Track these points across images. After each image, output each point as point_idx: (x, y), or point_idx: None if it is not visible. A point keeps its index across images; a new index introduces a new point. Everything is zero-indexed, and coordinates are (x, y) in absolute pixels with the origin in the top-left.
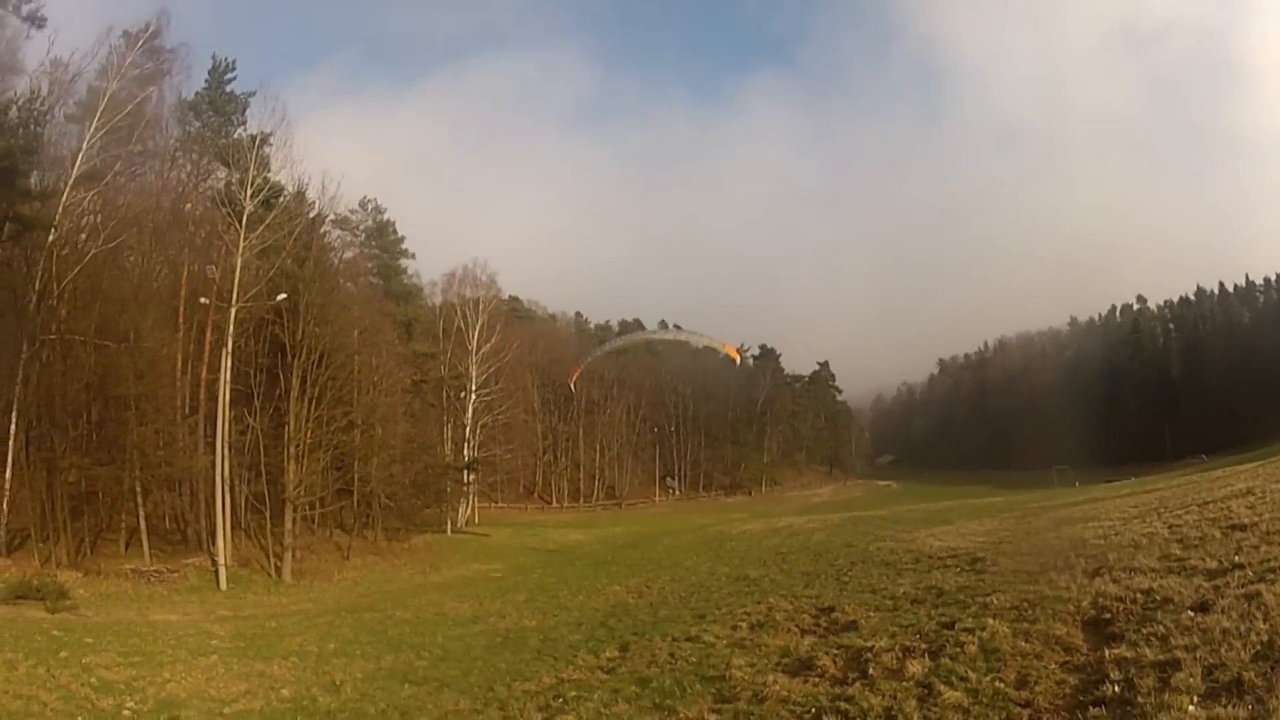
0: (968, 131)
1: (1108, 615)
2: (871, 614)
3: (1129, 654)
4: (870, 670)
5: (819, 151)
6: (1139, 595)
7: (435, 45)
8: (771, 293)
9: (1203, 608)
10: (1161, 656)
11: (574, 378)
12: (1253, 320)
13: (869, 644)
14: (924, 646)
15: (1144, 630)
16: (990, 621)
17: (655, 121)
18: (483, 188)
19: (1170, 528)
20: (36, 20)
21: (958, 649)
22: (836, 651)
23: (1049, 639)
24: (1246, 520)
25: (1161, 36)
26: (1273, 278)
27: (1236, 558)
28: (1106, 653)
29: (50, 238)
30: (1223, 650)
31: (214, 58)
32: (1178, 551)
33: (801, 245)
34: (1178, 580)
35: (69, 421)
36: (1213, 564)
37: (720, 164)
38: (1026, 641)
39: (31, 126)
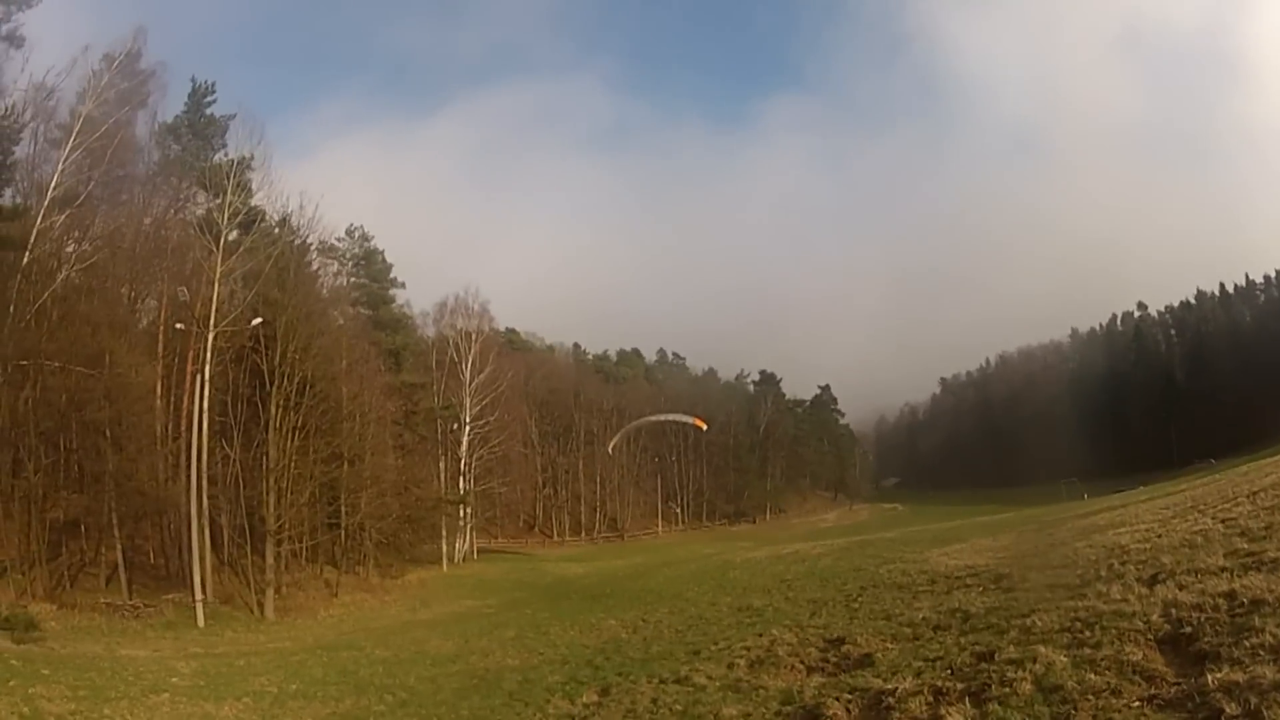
0: (969, 145)
1: (1188, 629)
2: (889, 645)
3: (1238, 676)
4: None
5: (819, 175)
6: (1220, 600)
7: (451, 71)
8: (773, 317)
9: None
10: None
11: (611, 446)
12: (1255, 319)
13: (890, 685)
14: (960, 687)
15: (1245, 642)
16: (1040, 649)
17: (661, 147)
18: (487, 218)
19: (1224, 522)
20: (14, 40)
21: (1006, 689)
22: (850, 696)
23: (1122, 666)
24: None
25: (1160, 41)
26: (1273, 275)
27: None
28: (1209, 678)
29: (25, 259)
30: None
31: (193, 80)
32: (1245, 546)
33: (803, 268)
34: (1262, 578)
35: (42, 449)
36: None
37: (723, 189)
38: (1094, 673)
39: (3, 143)
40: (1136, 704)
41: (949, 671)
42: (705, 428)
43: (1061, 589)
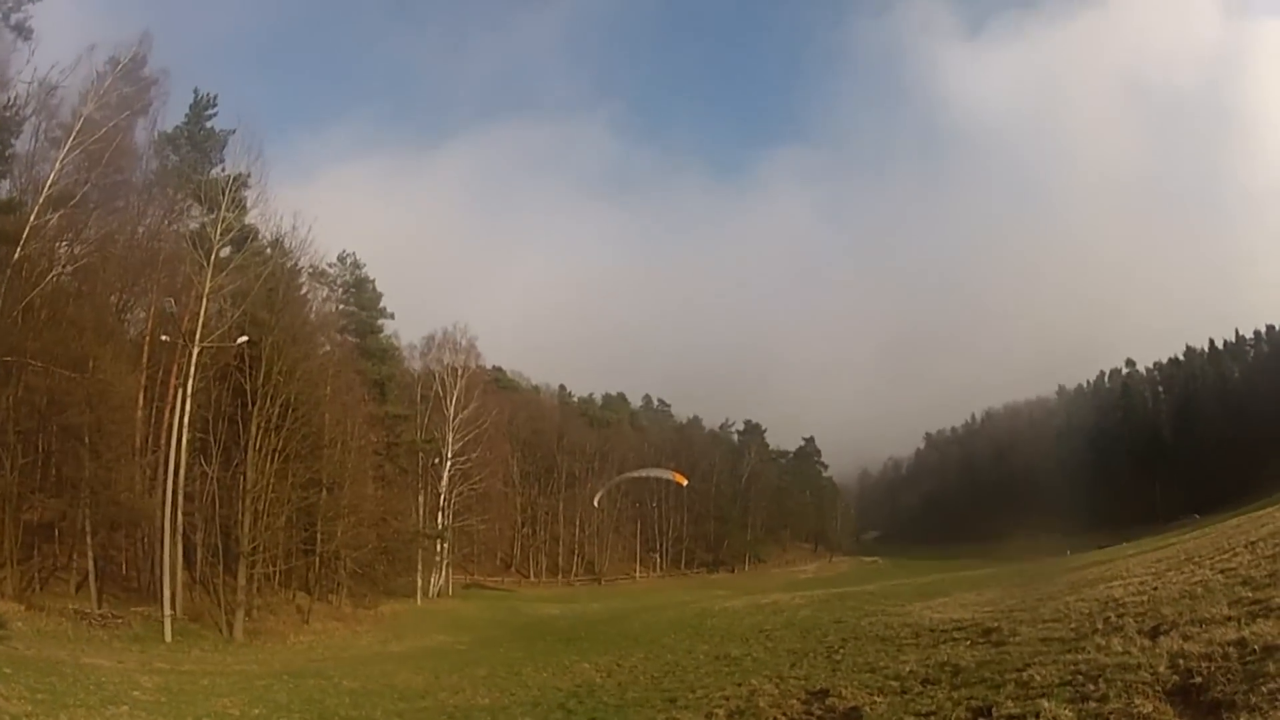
0: (963, 200)
1: (1198, 679)
2: (876, 698)
3: None
4: None
5: (814, 229)
6: (1230, 649)
7: (460, 104)
8: (760, 367)
9: None
10: None
11: (597, 499)
12: (1244, 375)
13: None
14: None
15: (1261, 689)
16: (1043, 704)
17: (660, 194)
18: (483, 254)
19: (1224, 573)
20: (23, 31)
21: None
22: None
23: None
24: None
25: (1159, 101)
26: (1263, 330)
27: None
28: None
29: (16, 254)
30: None
31: (196, 92)
32: (1250, 594)
33: (793, 320)
34: (1271, 624)
35: (19, 448)
36: None
37: (719, 239)
38: None
39: (3, 134)
40: None
41: None
42: (685, 484)
43: (1056, 642)
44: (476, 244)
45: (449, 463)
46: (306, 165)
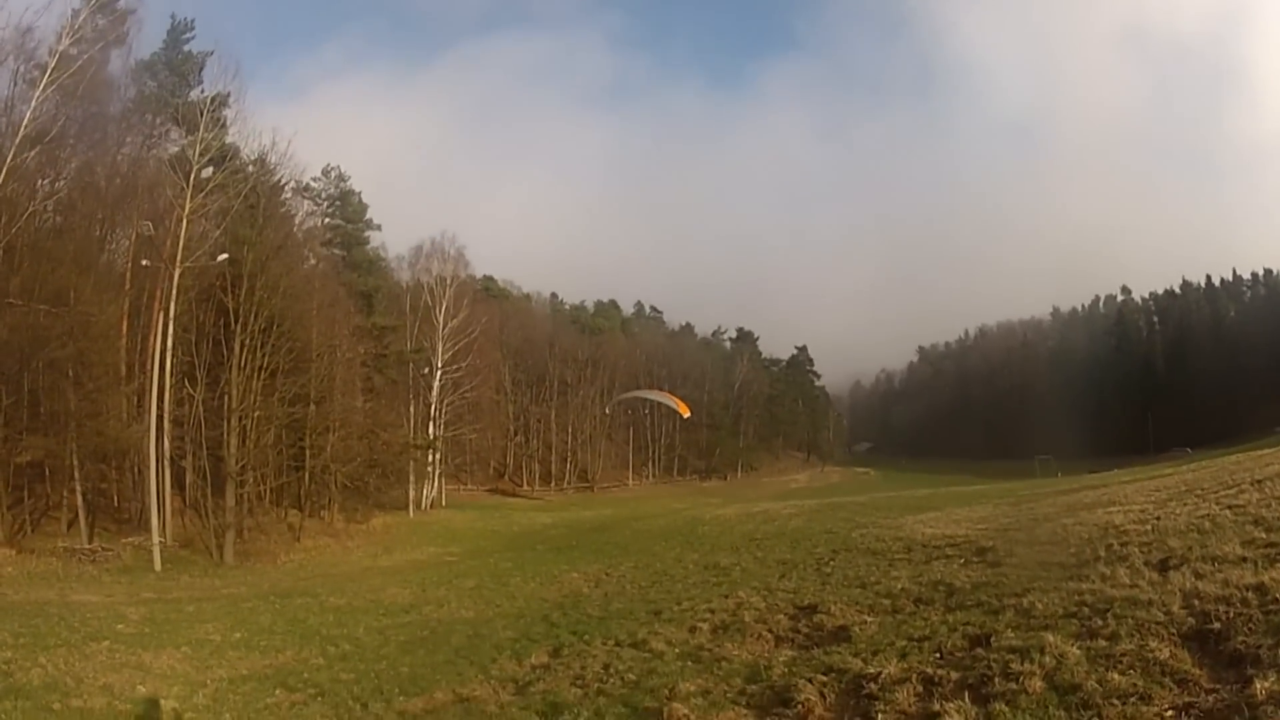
0: (968, 125)
1: (1216, 625)
2: (867, 618)
3: None
4: (880, 718)
5: (815, 143)
6: (1249, 594)
7: (455, 18)
8: (756, 278)
9: None
10: None
11: (609, 408)
12: (1239, 315)
13: (871, 668)
14: (956, 677)
15: None
16: (1047, 637)
17: (658, 105)
18: (478, 167)
19: (1231, 508)
20: None
21: (1012, 684)
22: (825, 677)
23: (1148, 665)
24: None
25: (1165, 39)
26: (1261, 273)
27: None
28: (1257, 687)
29: None
30: None
31: (173, 17)
32: (1263, 535)
33: (791, 232)
34: None
35: (3, 389)
36: None
37: (718, 150)
38: (1116, 671)
39: None
40: (1170, 712)
41: (938, 655)
42: (688, 415)
43: (1056, 567)
44: (471, 156)
45: (439, 372)
46: (301, 82)
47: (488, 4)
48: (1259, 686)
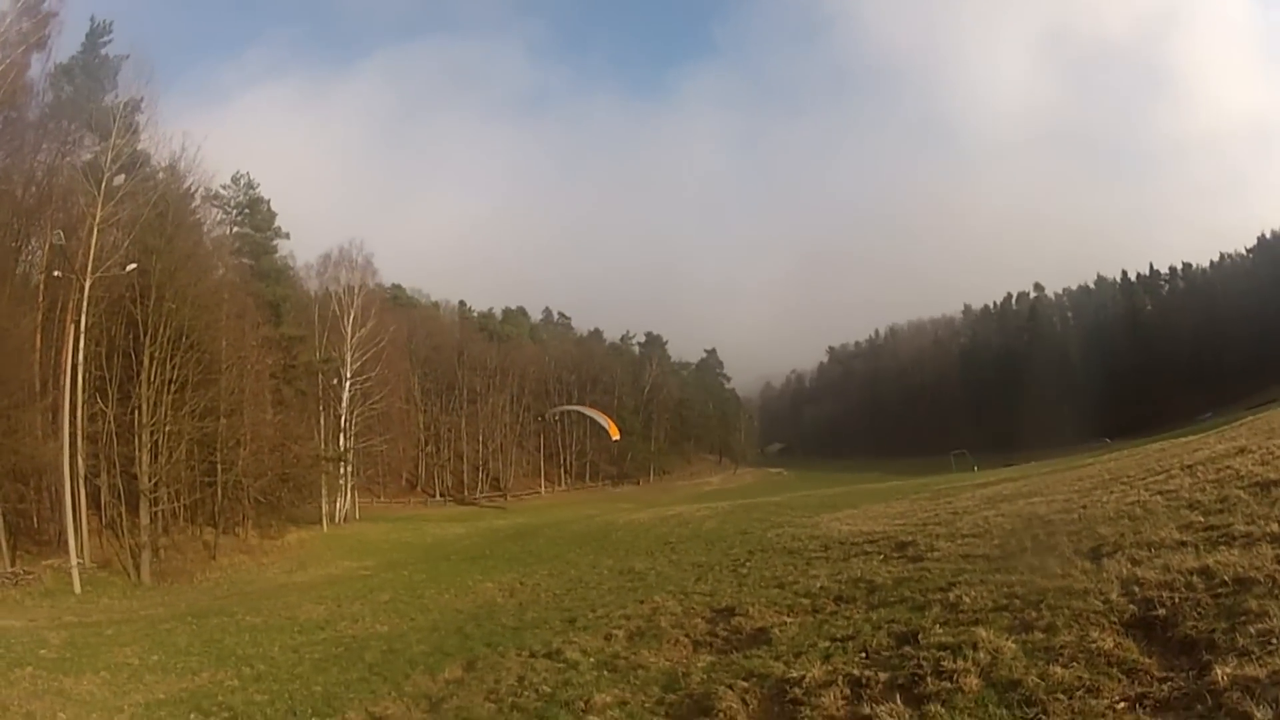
0: (879, 130)
1: (1161, 611)
2: (786, 619)
3: (1255, 671)
4: None
5: (728, 151)
6: (1194, 579)
7: (376, 23)
8: (667, 284)
9: None
10: None
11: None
12: (1156, 308)
13: (794, 672)
14: (884, 677)
15: (1248, 629)
16: (979, 632)
17: (576, 114)
18: (393, 175)
19: (1162, 494)
20: None
21: (946, 683)
22: (746, 683)
23: (1092, 657)
24: (1275, 476)
25: (1084, 43)
26: (1179, 267)
27: None
28: (1217, 673)
29: None
30: None
31: (92, 19)
32: (1200, 519)
33: (703, 240)
34: (1236, 553)
35: None
36: (1273, 527)
37: (633, 160)
38: (1058, 664)
39: None
40: (1122, 705)
41: (864, 655)
42: (617, 437)
43: (980, 559)
44: (383, 164)
45: (348, 383)
46: (222, 90)
47: (409, 9)
48: (1220, 672)
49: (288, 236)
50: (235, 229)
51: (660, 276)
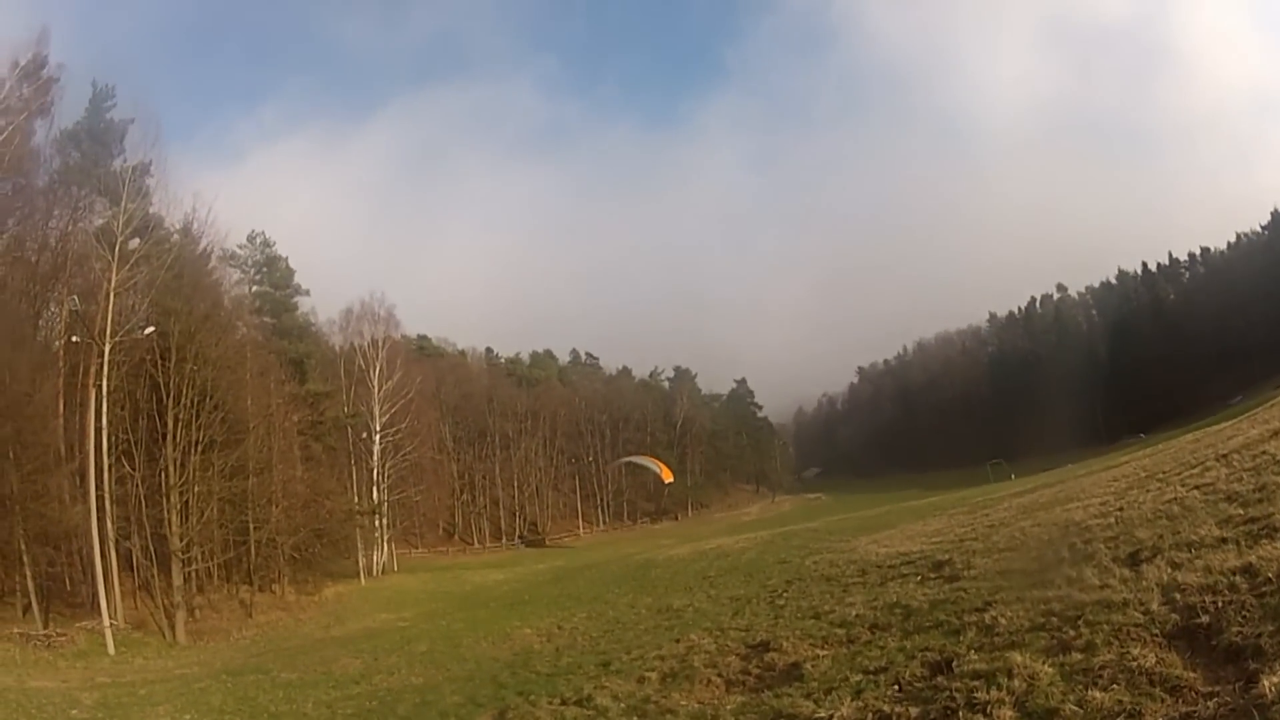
0: (893, 140)
1: (1204, 618)
2: (819, 651)
3: None
4: None
5: (746, 174)
6: (1237, 579)
7: (389, 72)
8: (691, 314)
9: None
10: None
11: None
12: (1179, 297)
13: (823, 711)
14: (915, 713)
15: None
16: (1014, 657)
17: (591, 148)
18: (412, 223)
19: (1199, 489)
20: None
21: (979, 716)
22: None
23: (1133, 676)
24: None
25: (1087, 31)
26: (1198, 253)
27: None
28: (1264, 684)
29: None
30: None
31: (94, 84)
32: (1239, 512)
33: (724, 266)
34: (1278, 547)
35: None
36: None
37: (650, 191)
38: (1096, 688)
39: None
40: None
41: (896, 688)
42: (670, 480)
43: (1017, 575)
44: (402, 214)
45: (378, 435)
46: (239, 146)
47: (419, 56)
48: (1267, 683)
49: (307, 293)
50: (254, 287)
51: (686, 305)
